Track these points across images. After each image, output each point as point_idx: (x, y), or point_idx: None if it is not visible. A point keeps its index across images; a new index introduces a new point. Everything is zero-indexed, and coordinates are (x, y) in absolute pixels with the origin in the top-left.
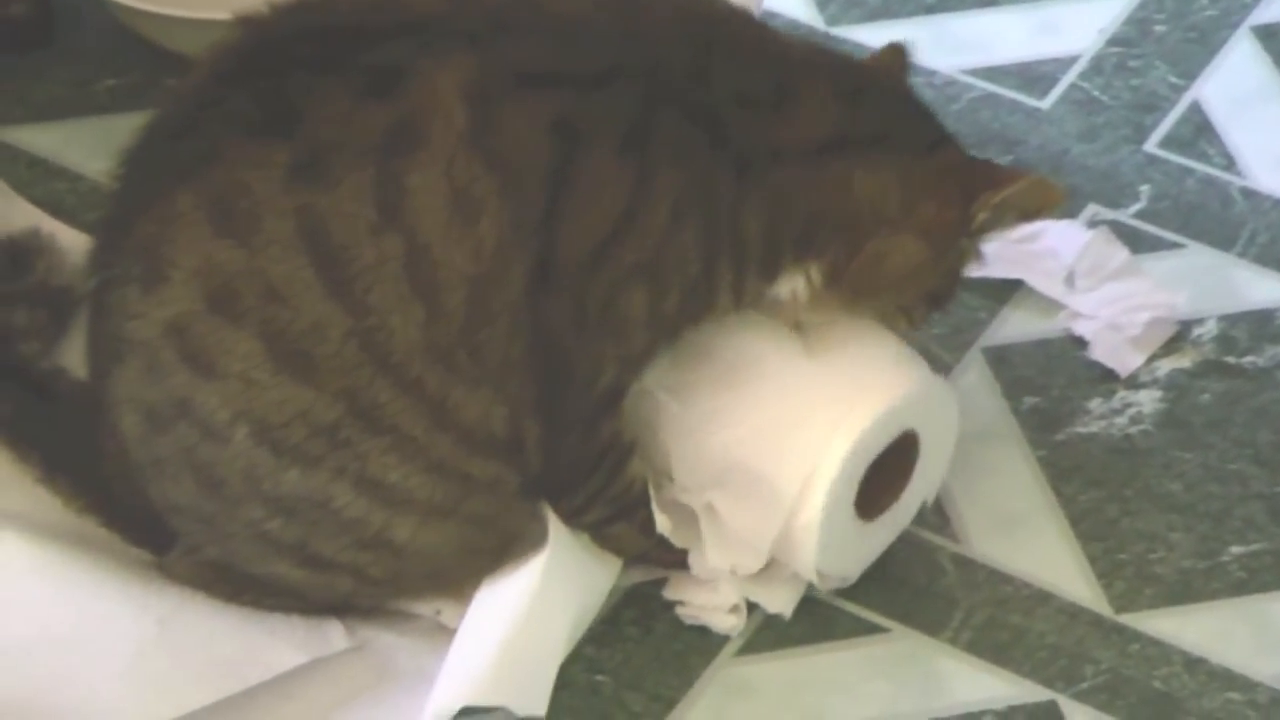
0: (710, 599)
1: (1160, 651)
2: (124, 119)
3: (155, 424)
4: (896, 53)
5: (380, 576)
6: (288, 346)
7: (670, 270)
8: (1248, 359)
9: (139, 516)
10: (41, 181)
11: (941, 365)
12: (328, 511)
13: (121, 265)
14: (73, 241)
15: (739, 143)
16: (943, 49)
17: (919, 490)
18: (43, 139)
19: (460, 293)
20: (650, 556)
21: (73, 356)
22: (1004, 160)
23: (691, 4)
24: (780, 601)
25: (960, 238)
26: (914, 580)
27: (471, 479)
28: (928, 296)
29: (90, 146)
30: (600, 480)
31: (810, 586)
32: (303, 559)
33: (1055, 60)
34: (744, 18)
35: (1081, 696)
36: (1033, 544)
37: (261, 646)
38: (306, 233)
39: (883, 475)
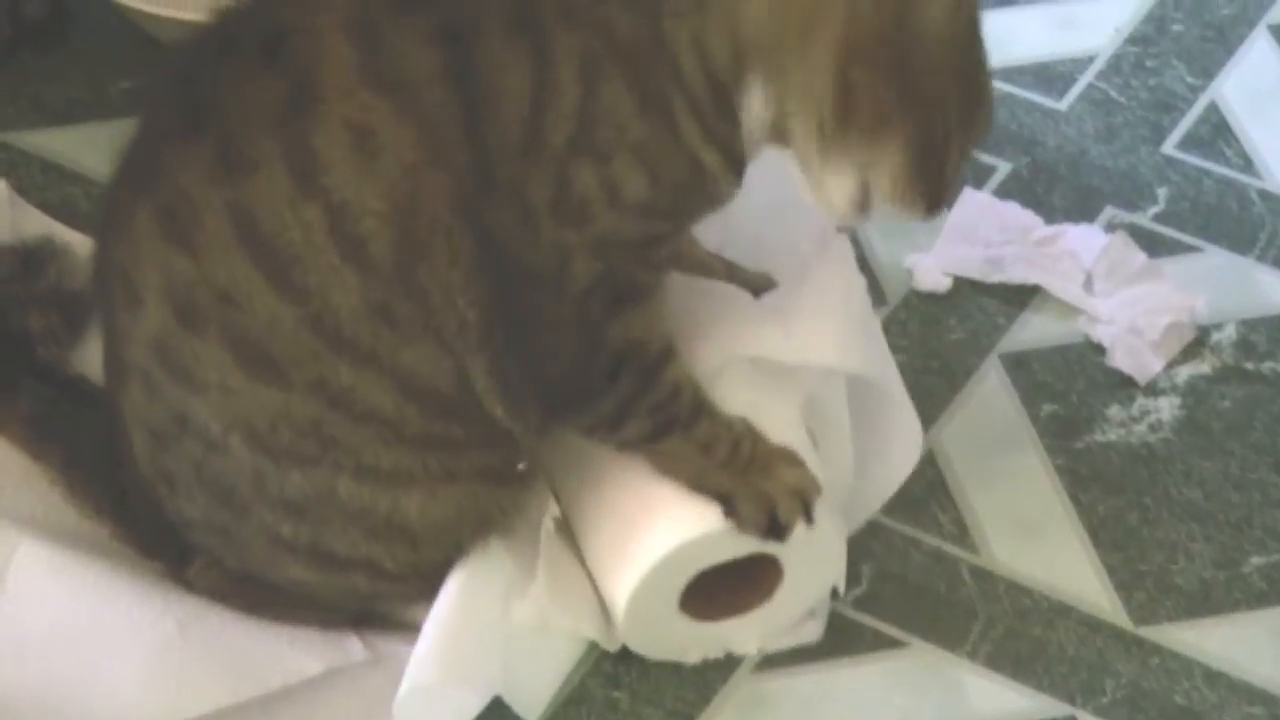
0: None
1: (1181, 665)
2: None
3: (161, 443)
4: None
5: (396, 570)
6: (250, 350)
7: (607, 137)
8: (1267, 364)
9: (152, 526)
10: (55, 186)
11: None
12: (335, 506)
13: (109, 290)
14: (85, 247)
15: None
16: None
17: (789, 604)
18: (57, 143)
19: (384, 236)
20: (712, 480)
21: (90, 363)
22: (1021, 162)
23: None
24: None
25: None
26: (933, 591)
27: (456, 442)
28: (904, 139)
29: (104, 150)
30: (629, 388)
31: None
32: (317, 560)
33: (1073, 60)
34: None
35: (1102, 711)
36: (1052, 554)
37: (281, 652)
38: (239, 227)
39: (727, 587)
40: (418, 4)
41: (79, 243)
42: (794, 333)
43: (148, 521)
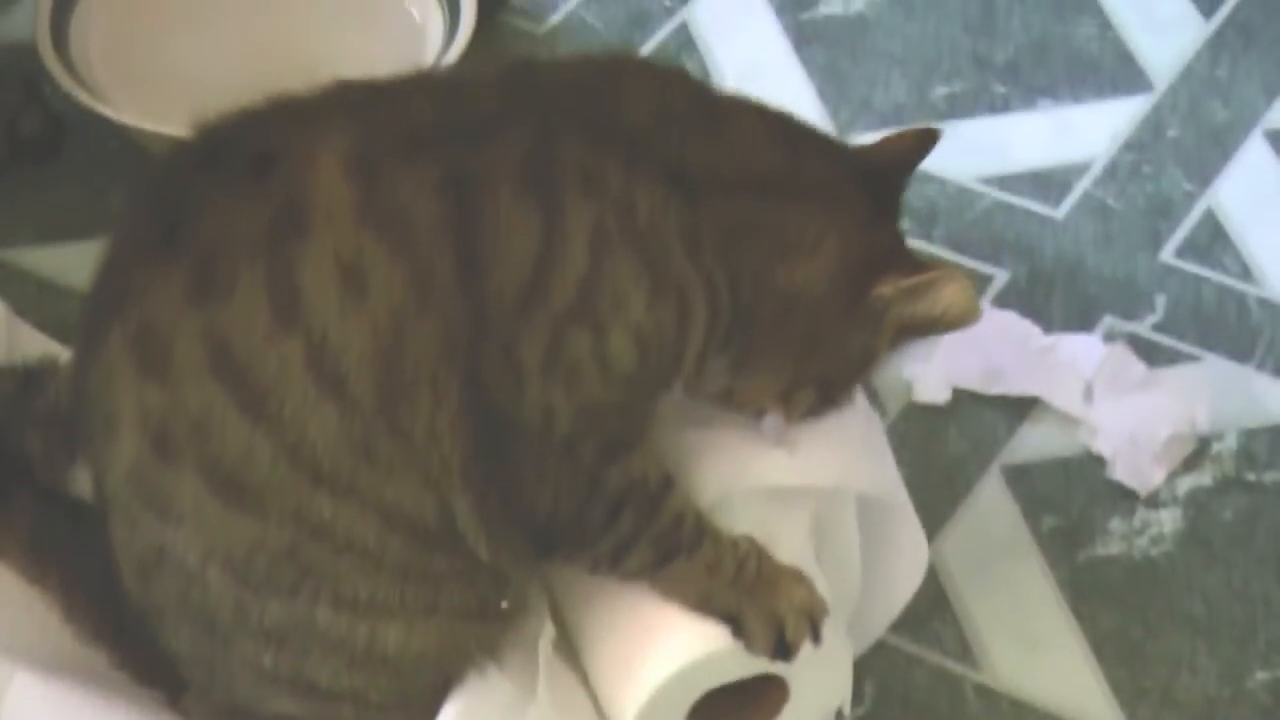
0: None
1: None
2: None
3: (145, 574)
4: (918, 137)
5: (381, 700)
6: (225, 480)
7: (607, 310)
8: (1269, 474)
9: (150, 654)
10: (51, 304)
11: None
12: (314, 636)
13: (88, 419)
14: None
15: (667, 161)
16: (956, 155)
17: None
18: (52, 259)
19: (366, 375)
20: (719, 600)
21: (89, 485)
22: (1019, 271)
23: (596, 55)
24: None
25: (858, 318)
26: (937, 711)
27: (437, 575)
28: (816, 379)
29: None
30: (630, 525)
31: None
32: (300, 691)
33: (1069, 167)
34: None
35: None
36: (1055, 669)
37: None
38: (212, 354)
39: (733, 706)
40: (425, 150)
41: None
42: (799, 455)
43: (145, 649)
